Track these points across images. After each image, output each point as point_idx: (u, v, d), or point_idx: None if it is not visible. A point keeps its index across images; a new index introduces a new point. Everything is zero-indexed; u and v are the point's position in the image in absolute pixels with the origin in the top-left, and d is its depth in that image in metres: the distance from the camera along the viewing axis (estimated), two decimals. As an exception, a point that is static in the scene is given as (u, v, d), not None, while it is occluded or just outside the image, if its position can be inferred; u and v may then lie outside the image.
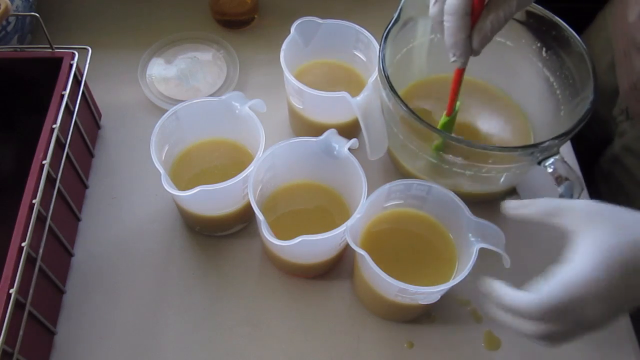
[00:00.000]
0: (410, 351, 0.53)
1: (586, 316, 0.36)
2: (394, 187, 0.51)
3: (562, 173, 0.49)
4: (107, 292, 0.55)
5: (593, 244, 0.36)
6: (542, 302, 0.36)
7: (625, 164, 0.67)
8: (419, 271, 0.52)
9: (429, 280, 0.49)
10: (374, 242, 0.53)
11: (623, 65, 0.64)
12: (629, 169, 0.66)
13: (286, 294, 0.56)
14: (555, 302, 0.36)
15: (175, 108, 0.54)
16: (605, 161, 0.71)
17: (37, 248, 0.48)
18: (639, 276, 0.35)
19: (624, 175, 0.67)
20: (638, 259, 0.35)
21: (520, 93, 0.63)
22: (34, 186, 0.47)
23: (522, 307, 0.37)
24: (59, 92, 0.54)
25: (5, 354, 0.42)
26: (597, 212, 0.38)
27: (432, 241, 0.54)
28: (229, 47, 0.71)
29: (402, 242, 0.54)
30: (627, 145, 0.67)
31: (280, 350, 0.53)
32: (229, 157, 0.59)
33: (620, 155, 0.68)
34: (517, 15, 0.57)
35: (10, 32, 0.64)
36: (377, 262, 0.46)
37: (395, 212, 0.54)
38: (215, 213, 0.55)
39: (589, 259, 0.36)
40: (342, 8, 0.77)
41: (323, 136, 0.52)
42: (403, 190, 0.51)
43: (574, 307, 0.36)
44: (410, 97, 0.63)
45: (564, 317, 0.37)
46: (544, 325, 0.37)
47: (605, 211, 0.38)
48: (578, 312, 0.36)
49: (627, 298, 0.36)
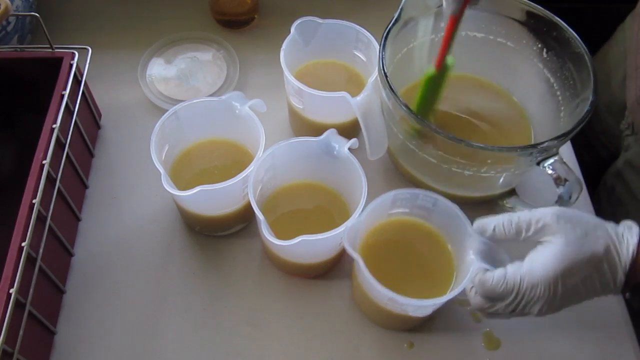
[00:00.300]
0: (410, 351, 0.53)
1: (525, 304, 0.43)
2: (400, 195, 0.50)
3: (561, 174, 0.49)
4: (107, 292, 0.55)
5: (553, 253, 0.42)
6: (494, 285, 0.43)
7: (626, 179, 0.67)
8: (414, 282, 0.52)
9: (424, 292, 0.49)
10: (374, 248, 0.52)
11: (633, 79, 0.64)
12: (629, 183, 0.66)
13: (286, 294, 0.56)
14: (500, 290, 0.43)
15: (175, 108, 0.54)
16: (610, 175, 0.71)
17: (37, 248, 0.48)
18: (574, 279, 0.42)
19: (623, 190, 0.67)
20: (581, 265, 0.41)
21: (521, 93, 0.63)
22: (34, 186, 0.47)
23: (486, 285, 0.43)
24: (59, 92, 0.54)
25: (5, 354, 0.42)
26: (564, 218, 0.43)
27: (433, 254, 0.53)
28: (229, 47, 0.71)
29: (402, 251, 0.54)
30: (629, 160, 0.67)
31: (280, 350, 0.53)
32: (229, 157, 0.59)
33: (622, 170, 0.68)
34: (518, 16, 0.58)
35: (10, 32, 0.64)
36: (374, 268, 0.46)
37: (400, 220, 0.54)
38: (215, 213, 0.55)
39: (545, 263, 0.42)
40: (342, 8, 0.77)
41: (323, 136, 0.52)
42: (409, 199, 0.51)
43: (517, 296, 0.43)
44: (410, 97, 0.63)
45: (503, 301, 0.43)
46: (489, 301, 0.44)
47: (572, 217, 0.43)
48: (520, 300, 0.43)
49: (564, 298, 0.42)
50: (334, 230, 0.47)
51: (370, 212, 0.49)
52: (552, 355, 0.53)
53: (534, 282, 0.42)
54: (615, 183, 0.69)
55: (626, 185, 0.67)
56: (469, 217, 0.50)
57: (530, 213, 0.44)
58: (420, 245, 0.54)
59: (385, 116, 0.55)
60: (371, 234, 0.53)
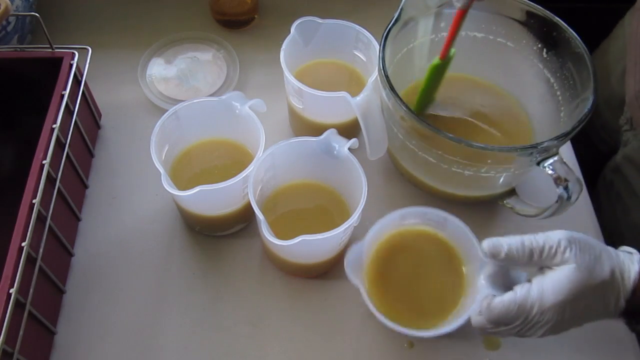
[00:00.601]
0: (410, 351, 0.53)
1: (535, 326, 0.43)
2: (408, 213, 0.50)
3: (561, 174, 0.49)
4: (107, 292, 0.55)
5: (566, 278, 0.42)
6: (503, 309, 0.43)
7: (625, 174, 0.67)
8: (422, 298, 0.51)
9: (431, 310, 0.49)
10: (383, 258, 0.52)
11: (632, 74, 0.64)
12: (628, 178, 0.66)
13: (286, 293, 0.56)
14: (505, 313, 0.43)
15: (175, 108, 0.54)
16: (608, 171, 0.71)
17: (37, 248, 0.48)
18: (581, 303, 0.42)
19: (622, 185, 0.67)
20: (589, 290, 0.42)
21: (521, 93, 0.63)
22: (34, 186, 0.47)
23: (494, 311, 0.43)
24: (59, 92, 0.54)
25: (5, 354, 0.42)
26: (575, 243, 0.43)
27: (444, 267, 0.52)
28: (229, 47, 0.71)
29: (413, 260, 0.52)
30: (628, 155, 0.67)
31: (280, 350, 0.53)
32: (229, 157, 0.59)
33: (621, 165, 0.68)
34: (518, 16, 0.58)
35: (10, 32, 0.64)
36: (381, 278, 0.47)
37: (413, 230, 0.52)
38: (215, 213, 0.55)
39: (558, 288, 0.42)
40: (342, 8, 0.77)
41: (323, 136, 0.52)
42: (419, 215, 0.50)
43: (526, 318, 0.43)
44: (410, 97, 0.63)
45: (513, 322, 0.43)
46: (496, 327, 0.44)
47: (582, 242, 0.43)
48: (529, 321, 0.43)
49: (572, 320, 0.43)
50: (334, 230, 0.47)
51: (375, 233, 0.48)
52: (551, 356, 0.53)
53: (545, 308, 0.42)
54: (614, 178, 0.69)
55: (625, 180, 0.67)
56: (470, 217, 0.50)
57: (543, 237, 0.43)
58: (432, 256, 0.53)
59: (385, 116, 0.55)
60: (376, 253, 0.52)
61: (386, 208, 0.50)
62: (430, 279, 0.52)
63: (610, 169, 0.70)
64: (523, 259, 0.43)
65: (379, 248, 0.52)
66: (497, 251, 0.44)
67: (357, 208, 0.48)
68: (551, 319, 0.42)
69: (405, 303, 0.50)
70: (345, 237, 0.52)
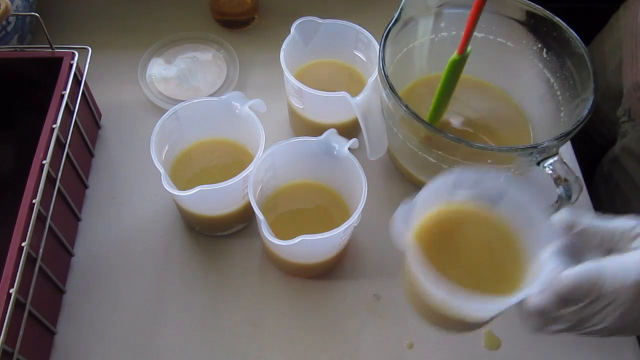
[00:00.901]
0: (410, 351, 0.53)
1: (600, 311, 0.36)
2: (463, 178, 0.42)
3: (561, 174, 0.49)
4: (107, 292, 0.55)
5: None
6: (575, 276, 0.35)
7: (623, 165, 0.67)
8: (475, 280, 0.43)
9: (486, 288, 0.42)
10: (427, 239, 0.45)
11: (629, 65, 0.64)
12: (627, 170, 0.66)
13: (286, 293, 0.56)
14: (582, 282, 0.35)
15: (175, 108, 0.54)
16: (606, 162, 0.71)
17: (37, 248, 0.48)
18: None
19: (621, 177, 0.67)
20: None
21: (521, 93, 0.63)
22: (34, 186, 0.47)
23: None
24: (59, 92, 0.54)
25: (5, 354, 0.42)
26: None
27: (499, 248, 0.45)
28: (229, 47, 0.71)
29: (462, 244, 0.46)
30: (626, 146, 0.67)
31: (280, 350, 0.53)
32: (229, 157, 0.59)
33: (619, 156, 0.68)
34: (518, 16, 0.58)
35: (10, 32, 0.64)
36: (437, 247, 0.40)
37: (462, 208, 0.45)
38: (215, 213, 0.55)
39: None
40: (342, 8, 0.77)
41: (323, 136, 0.52)
42: (474, 183, 0.43)
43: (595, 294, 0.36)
44: (410, 97, 0.63)
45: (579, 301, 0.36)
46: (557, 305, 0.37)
47: None
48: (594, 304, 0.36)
49: None
50: (334, 230, 0.47)
51: (425, 198, 0.43)
52: (552, 355, 0.53)
53: (626, 283, 0.35)
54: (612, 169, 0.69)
55: (624, 171, 0.67)
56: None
57: (625, 220, 0.38)
58: (484, 238, 0.46)
59: (385, 116, 0.55)
60: (425, 222, 0.46)
61: (386, 208, 0.50)
62: (485, 255, 0.45)
63: (608, 160, 0.70)
64: (599, 238, 0.38)
65: (431, 215, 0.46)
66: (574, 223, 0.38)
67: (357, 208, 0.48)
68: (627, 299, 0.35)
69: (461, 278, 0.41)
70: (345, 237, 0.52)
